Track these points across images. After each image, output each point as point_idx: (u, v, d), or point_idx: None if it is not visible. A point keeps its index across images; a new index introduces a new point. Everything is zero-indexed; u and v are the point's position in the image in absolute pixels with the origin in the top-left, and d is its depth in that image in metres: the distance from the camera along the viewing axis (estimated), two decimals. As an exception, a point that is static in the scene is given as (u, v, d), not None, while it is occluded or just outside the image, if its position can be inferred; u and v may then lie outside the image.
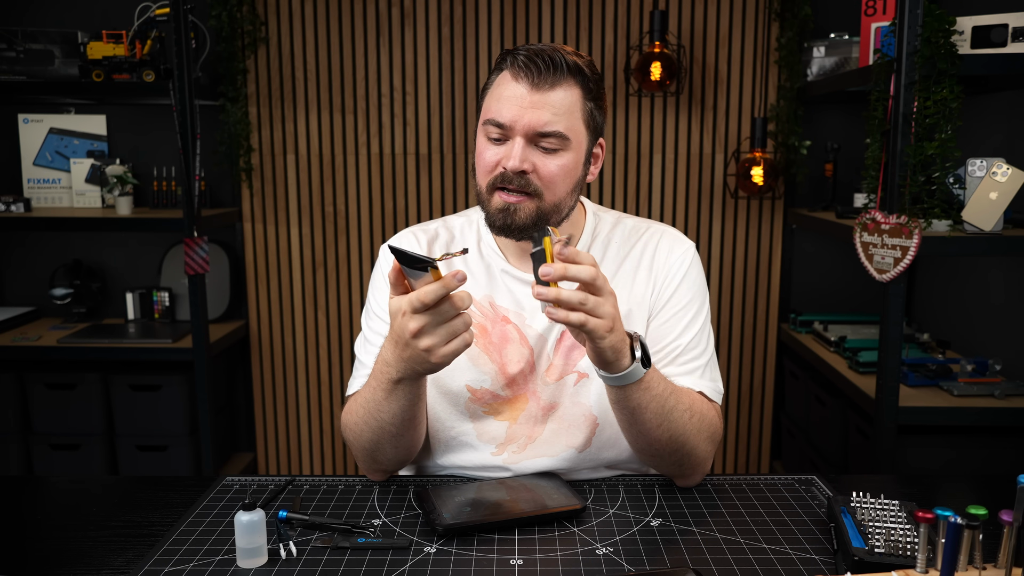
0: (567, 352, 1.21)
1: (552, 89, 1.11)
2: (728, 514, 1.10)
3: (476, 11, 2.63)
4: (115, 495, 1.20)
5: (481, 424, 1.22)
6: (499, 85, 1.14)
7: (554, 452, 1.21)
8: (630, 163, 2.69)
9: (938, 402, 1.90)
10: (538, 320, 1.21)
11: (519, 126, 1.11)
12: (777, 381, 2.80)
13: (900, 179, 1.76)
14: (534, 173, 1.12)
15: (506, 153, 1.12)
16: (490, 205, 1.15)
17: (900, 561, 0.89)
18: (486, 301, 1.23)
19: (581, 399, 1.21)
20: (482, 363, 1.21)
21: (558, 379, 1.21)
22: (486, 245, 1.26)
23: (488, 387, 1.21)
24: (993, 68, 1.76)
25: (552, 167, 1.12)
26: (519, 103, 1.10)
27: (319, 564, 0.96)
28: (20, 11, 2.66)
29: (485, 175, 1.15)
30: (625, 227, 1.29)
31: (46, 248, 2.80)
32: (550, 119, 1.10)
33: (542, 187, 1.13)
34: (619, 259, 1.25)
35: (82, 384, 2.52)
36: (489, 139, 1.14)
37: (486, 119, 1.14)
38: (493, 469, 1.22)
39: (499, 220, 1.14)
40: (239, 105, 2.60)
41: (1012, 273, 2.13)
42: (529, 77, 1.10)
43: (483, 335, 1.21)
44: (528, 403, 1.21)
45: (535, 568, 0.95)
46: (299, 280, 2.78)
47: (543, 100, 1.10)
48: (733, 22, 2.62)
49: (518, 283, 1.23)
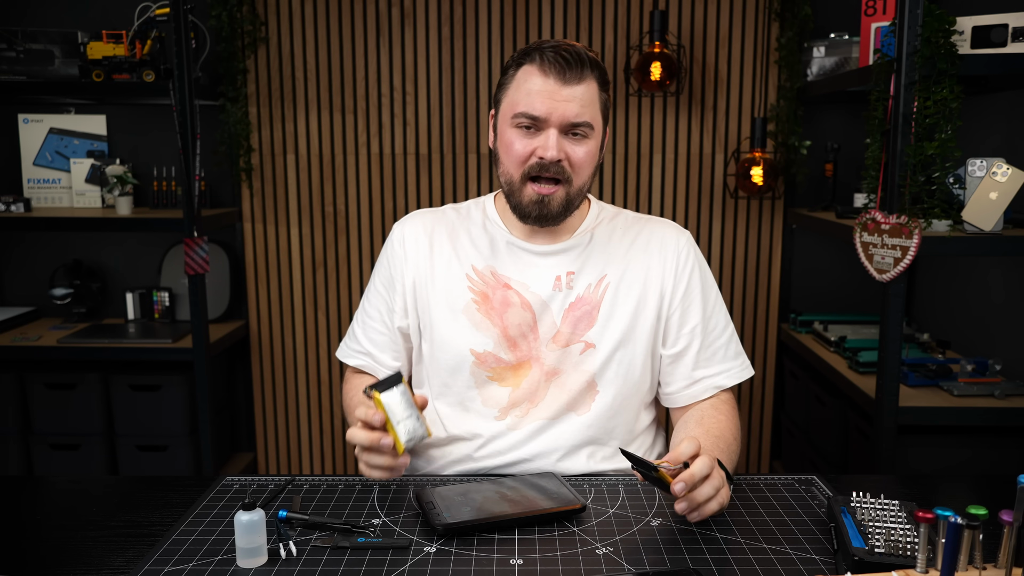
0: (575, 322, 1.28)
1: (579, 83, 1.20)
2: (728, 514, 1.10)
3: (476, 11, 2.63)
4: (115, 495, 1.20)
5: (485, 390, 1.29)
6: (525, 80, 1.21)
7: (554, 415, 1.28)
8: (630, 163, 2.69)
9: (938, 402, 1.90)
10: (540, 287, 1.29)
11: (554, 118, 1.19)
12: (777, 381, 2.80)
13: (900, 179, 1.76)
14: (566, 160, 1.22)
15: (541, 144, 1.21)
16: (522, 196, 1.24)
17: (900, 561, 0.89)
18: (488, 270, 1.31)
19: (585, 367, 1.28)
20: (484, 327, 1.28)
21: (564, 346, 1.28)
22: (491, 221, 1.35)
23: (491, 350, 1.28)
24: (993, 68, 1.76)
25: (581, 153, 1.22)
26: (551, 97, 1.19)
27: (319, 564, 0.96)
28: (20, 11, 2.66)
29: (518, 165, 1.23)
30: (627, 217, 1.38)
31: (46, 248, 2.80)
32: (579, 110, 1.20)
33: (572, 173, 1.23)
34: (627, 242, 1.34)
35: (82, 384, 2.52)
36: (520, 132, 1.22)
37: (518, 112, 1.21)
38: (494, 434, 1.29)
39: (534, 211, 1.24)
40: (239, 105, 2.60)
41: (1012, 273, 2.13)
42: (559, 72, 1.18)
43: (485, 301, 1.29)
44: (532, 369, 1.28)
45: (535, 568, 0.95)
46: (299, 280, 2.78)
47: (572, 94, 1.19)
48: (733, 22, 2.62)
49: (522, 252, 1.31)
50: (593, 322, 1.28)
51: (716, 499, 1.03)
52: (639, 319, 1.29)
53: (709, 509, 1.03)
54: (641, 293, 1.30)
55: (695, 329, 1.31)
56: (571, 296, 1.28)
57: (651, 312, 1.30)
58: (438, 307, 1.30)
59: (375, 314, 1.37)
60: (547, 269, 1.30)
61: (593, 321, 1.28)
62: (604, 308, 1.28)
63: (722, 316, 1.35)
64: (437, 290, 1.31)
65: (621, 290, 1.29)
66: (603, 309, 1.28)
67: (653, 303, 1.30)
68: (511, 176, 1.24)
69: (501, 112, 1.26)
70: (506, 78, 1.25)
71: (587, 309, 1.28)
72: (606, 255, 1.31)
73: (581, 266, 1.30)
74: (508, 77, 1.24)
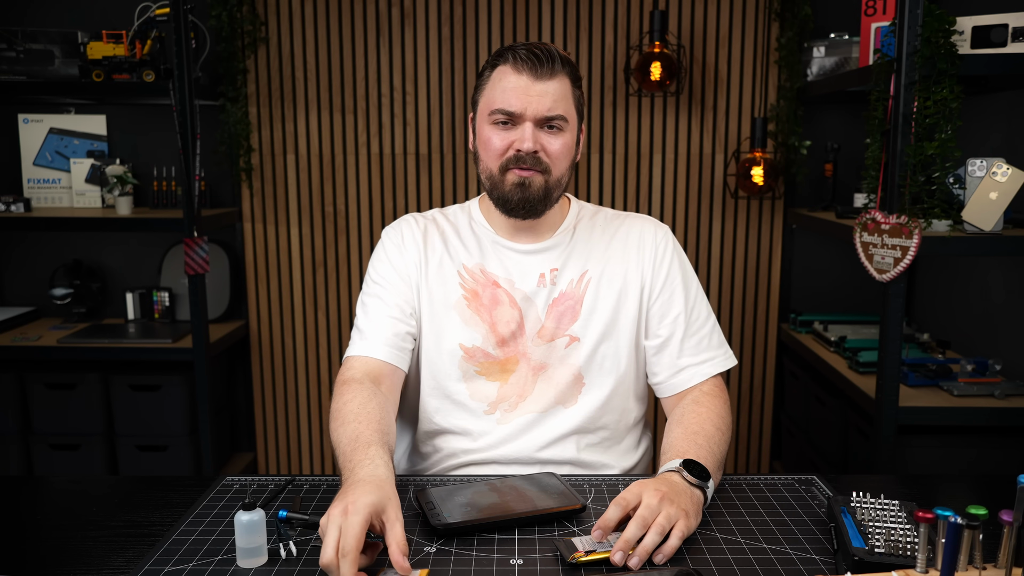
0: (559, 316, 1.32)
1: (551, 79, 1.24)
2: (728, 514, 1.10)
3: (476, 11, 2.63)
4: (115, 495, 1.20)
5: (473, 384, 1.31)
6: (500, 79, 1.26)
7: (543, 408, 1.30)
8: (630, 163, 2.69)
9: (938, 402, 1.90)
10: (525, 284, 1.32)
11: (528, 112, 1.24)
12: (777, 381, 2.80)
13: (900, 179, 1.76)
14: (543, 151, 1.26)
15: (518, 137, 1.25)
16: (504, 184, 1.27)
17: (900, 561, 0.89)
18: (477, 269, 1.34)
19: (571, 360, 1.32)
20: (474, 323, 1.31)
21: (549, 340, 1.31)
22: (476, 223, 1.38)
23: (480, 345, 1.31)
24: (993, 68, 1.76)
25: (557, 145, 1.26)
26: (525, 92, 1.23)
27: (319, 564, 0.96)
28: (20, 11, 2.66)
29: (497, 158, 1.27)
30: (606, 214, 1.42)
31: (46, 248, 2.80)
32: (552, 104, 1.24)
33: (550, 163, 1.26)
34: (607, 238, 1.37)
35: (82, 384, 2.52)
36: (497, 128, 1.26)
37: (494, 108, 1.25)
38: (484, 430, 1.30)
39: (516, 195, 1.26)
40: (239, 105, 2.60)
41: (1012, 273, 2.13)
42: (531, 69, 1.23)
43: (475, 299, 1.32)
44: (519, 364, 1.31)
45: (535, 568, 0.95)
46: (299, 280, 2.78)
47: (545, 89, 1.24)
48: (733, 22, 2.62)
49: (507, 251, 1.35)
50: (576, 316, 1.31)
51: (674, 534, 0.97)
52: (621, 312, 1.33)
53: (670, 547, 0.96)
54: (622, 286, 1.33)
55: (677, 319, 1.33)
56: (555, 292, 1.32)
57: (632, 304, 1.33)
58: (430, 303, 1.33)
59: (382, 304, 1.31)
60: (532, 266, 1.33)
61: (576, 315, 1.31)
62: (587, 302, 1.32)
63: (704, 307, 1.37)
64: (430, 286, 1.33)
65: (603, 284, 1.33)
66: (586, 303, 1.32)
67: (634, 295, 1.33)
68: (491, 170, 1.28)
69: (479, 112, 1.30)
70: (482, 80, 1.30)
71: (570, 304, 1.32)
72: (587, 251, 1.35)
73: (564, 262, 1.34)
74: (484, 79, 1.29)
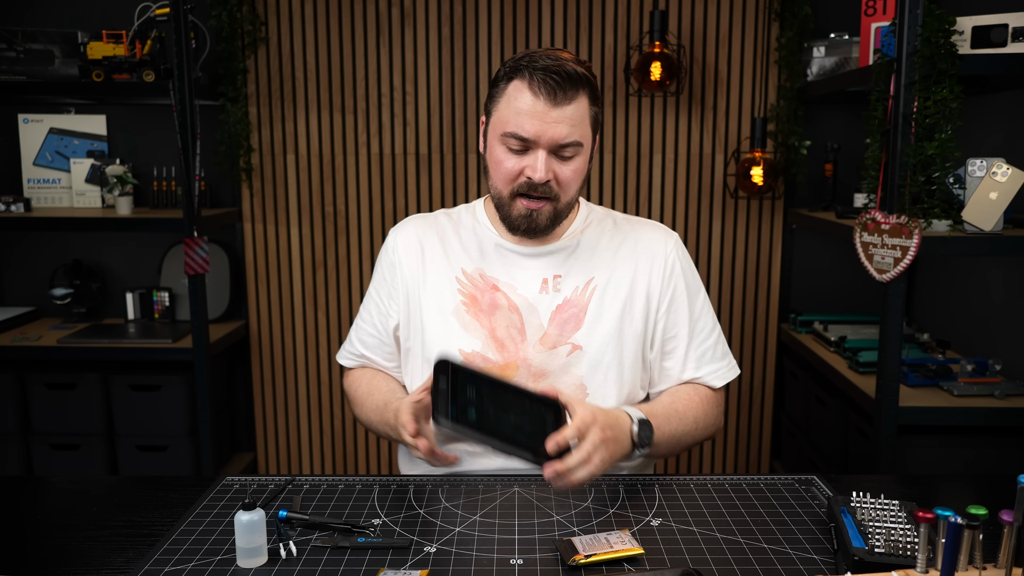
0: (562, 324, 1.30)
1: (569, 103, 1.19)
2: (728, 514, 1.10)
3: (476, 11, 2.63)
4: (115, 495, 1.20)
5: None
6: (515, 98, 1.21)
7: None
8: (630, 163, 2.69)
9: (938, 402, 1.90)
10: (527, 288, 1.30)
11: (543, 140, 1.20)
12: (777, 381, 2.80)
13: (900, 179, 1.76)
14: (554, 180, 1.23)
15: (530, 164, 1.21)
16: (512, 210, 1.26)
17: (900, 561, 0.89)
18: (476, 273, 1.33)
19: (573, 369, 1.30)
20: (473, 328, 1.30)
21: (551, 348, 1.29)
22: (480, 224, 1.37)
23: (479, 350, 1.29)
24: (993, 68, 1.76)
25: (568, 172, 1.23)
26: (541, 119, 1.18)
27: (319, 564, 0.96)
28: (20, 11, 2.66)
29: (507, 183, 1.25)
30: (615, 218, 1.40)
31: (46, 248, 2.80)
32: (568, 131, 1.20)
33: (560, 191, 1.24)
34: (615, 246, 1.35)
35: (82, 384, 2.52)
36: (509, 150, 1.22)
37: (506, 132, 1.21)
38: None
39: (523, 224, 1.26)
40: (239, 105, 2.60)
41: (1012, 273, 2.13)
42: (549, 93, 1.18)
43: (473, 304, 1.31)
44: (519, 370, 1.29)
45: (535, 568, 0.95)
46: (299, 280, 2.78)
47: (562, 115, 1.19)
48: (733, 22, 2.62)
49: (510, 254, 1.33)
50: (580, 324, 1.29)
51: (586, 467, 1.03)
52: (626, 322, 1.31)
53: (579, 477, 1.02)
54: (628, 296, 1.31)
55: (683, 332, 1.33)
56: (558, 298, 1.30)
57: (638, 315, 1.31)
58: (429, 309, 1.33)
59: (368, 317, 1.41)
60: (534, 271, 1.32)
61: (580, 323, 1.30)
62: (591, 311, 1.30)
63: (709, 318, 1.36)
64: (428, 293, 1.33)
65: (608, 293, 1.31)
66: (590, 311, 1.30)
67: (640, 306, 1.32)
68: (500, 192, 1.27)
69: (491, 125, 1.26)
70: (496, 90, 1.25)
71: (574, 312, 1.30)
72: (593, 258, 1.33)
73: (568, 270, 1.32)
74: (499, 90, 1.24)
